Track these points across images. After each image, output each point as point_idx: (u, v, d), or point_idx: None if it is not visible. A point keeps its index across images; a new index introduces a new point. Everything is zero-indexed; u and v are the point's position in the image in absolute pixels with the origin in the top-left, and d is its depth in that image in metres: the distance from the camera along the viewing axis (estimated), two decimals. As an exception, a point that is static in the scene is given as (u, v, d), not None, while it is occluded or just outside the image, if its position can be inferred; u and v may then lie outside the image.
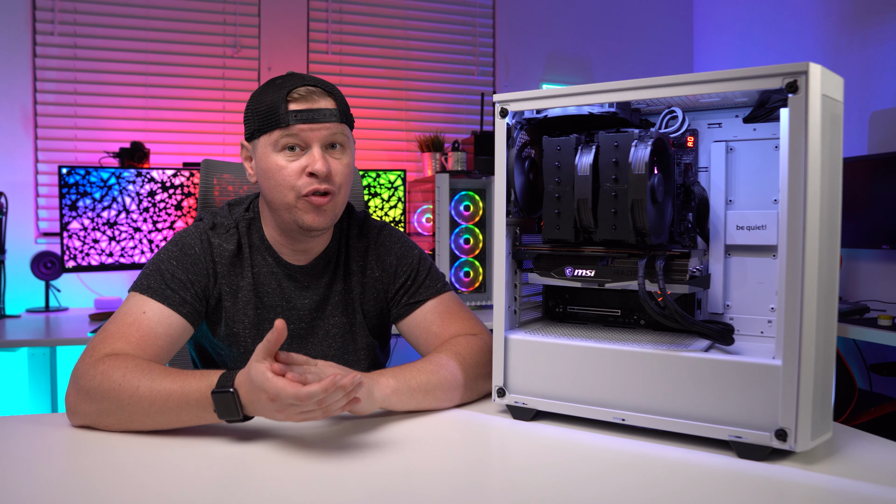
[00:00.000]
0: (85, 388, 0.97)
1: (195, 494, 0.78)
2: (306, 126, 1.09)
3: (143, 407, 0.94)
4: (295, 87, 1.10)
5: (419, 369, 1.08)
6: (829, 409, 0.91)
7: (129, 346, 1.02)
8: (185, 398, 0.93)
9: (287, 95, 1.09)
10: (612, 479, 0.83)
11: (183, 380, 0.94)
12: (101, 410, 0.96)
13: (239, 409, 0.91)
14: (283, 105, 1.08)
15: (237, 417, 0.92)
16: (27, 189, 2.98)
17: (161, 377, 0.95)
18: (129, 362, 0.97)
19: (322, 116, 1.09)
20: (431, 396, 1.07)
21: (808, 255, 0.83)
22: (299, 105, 1.09)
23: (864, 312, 2.58)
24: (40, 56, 3.01)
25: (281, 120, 1.08)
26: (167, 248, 1.16)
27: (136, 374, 0.95)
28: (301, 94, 1.09)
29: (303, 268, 1.21)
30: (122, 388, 0.94)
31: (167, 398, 0.93)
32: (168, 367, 0.98)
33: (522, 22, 3.74)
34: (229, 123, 3.28)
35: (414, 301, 1.24)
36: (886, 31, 2.88)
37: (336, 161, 1.12)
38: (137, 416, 0.95)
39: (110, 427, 0.97)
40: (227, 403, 0.91)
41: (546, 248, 1.07)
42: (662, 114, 1.06)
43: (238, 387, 0.91)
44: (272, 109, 1.09)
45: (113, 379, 0.95)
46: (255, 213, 1.22)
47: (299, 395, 0.85)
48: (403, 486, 0.81)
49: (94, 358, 1.00)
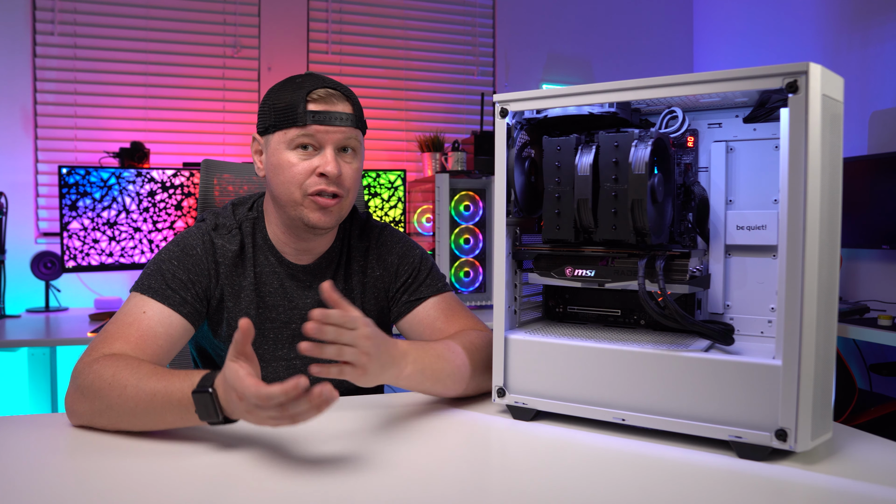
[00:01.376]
0: (81, 387, 0.97)
1: (195, 495, 0.78)
2: (322, 128, 1.10)
3: (130, 407, 0.92)
4: (315, 88, 1.11)
5: (438, 355, 1.06)
6: (829, 410, 0.91)
7: (128, 346, 1.02)
8: (168, 398, 0.90)
9: (307, 95, 1.10)
10: (612, 479, 0.83)
11: (168, 380, 0.91)
12: (94, 410, 0.96)
13: (218, 410, 0.87)
14: (302, 104, 1.09)
15: (217, 419, 0.87)
16: (27, 189, 2.98)
17: (148, 377, 0.92)
18: (120, 362, 0.96)
19: (339, 119, 1.11)
20: (440, 384, 1.07)
21: (808, 255, 0.83)
22: (318, 106, 1.10)
23: (864, 312, 2.58)
24: (40, 56, 3.01)
25: (299, 119, 1.09)
26: (168, 249, 1.16)
27: (125, 374, 0.94)
28: (321, 95, 1.10)
29: (305, 267, 1.21)
30: (112, 386, 0.93)
31: (152, 398, 0.91)
32: (158, 367, 0.96)
33: (522, 22, 3.74)
34: (229, 123, 3.28)
35: (415, 298, 1.25)
36: (886, 31, 2.88)
37: (347, 165, 1.13)
38: (125, 416, 0.93)
39: (104, 427, 0.97)
40: (206, 404, 0.87)
41: (546, 248, 1.07)
42: (662, 114, 1.06)
43: (216, 387, 0.87)
44: (291, 107, 1.10)
45: (104, 378, 0.94)
46: (258, 213, 1.22)
47: (259, 395, 0.78)
48: (403, 486, 0.81)
49: (92, 357, 0.99)
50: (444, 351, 1.08)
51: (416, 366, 1.02)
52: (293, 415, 0.80)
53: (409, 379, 1.02)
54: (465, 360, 1.10)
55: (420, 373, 1.03)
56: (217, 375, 0.88)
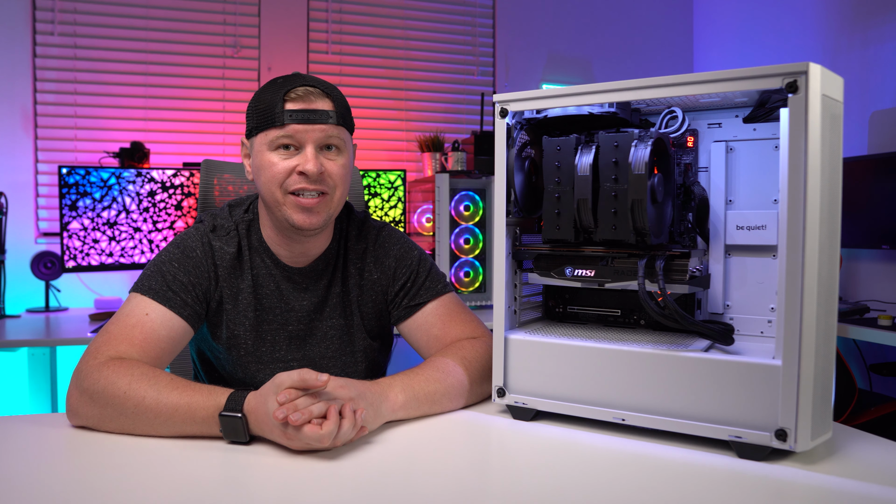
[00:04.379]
0: (88, 391, 0.97)
1: (195, 495, 0.77)
2: (301, 126, 1.08)
3: (148, 418, 0.94)
4: (293, 87, 1.09)
5: (427, 378, 1.07)
6: (829, 409, 0.91)
7: (132, 349, 1.02)
8: (191, 414, 0.93)
9: (284, 95, 1.09)
10: (612, 479, 0.83)
11: (190, 395, 0.94)
12: (104, 415, 0.96)
13: (246, 432, 0.92)
14: (279, 104, 1.08)
15: (243, 440, 0.92)
16: (27, 189, 2.98)
17: (168, 389, 0.95)
18: (134, 370, 0.97)
19: (317, 117, 1.09)
20: (438, 405, 1.07)
21: (808, 255, 0.83)
22: (295, 105, 1.09)
23: (864, 312, 2.58)
24: (40, 56, 3.00)
25: (276, 119, 1.08)
26: (168, 250, 1.16)
27: (143, 384, 0.95)
28: (298, 94, 1.09)
29: (301, 270, 1.21)
30: (128, 396, 0.94)
31: (173, 412, 0.93)
32: (174, 377, 0.98)
33: (522, 22, 3.74)
34: (229, 123, 3.28)
35: (414, 304, 1.24)
36: (886, 31, 2.88)
37: (330, 162, 1.12)
38: (140, 425, 0.95)
39: (111, 431, 0.97)
40: (236, 427, 0.91)
41: (546, 248, 1.07)
42: (662, 114, 1.06)
43: (248, 412, 0.92)
44: (269, 108, 1.09)
45: (118, 386, 0.95)
46: (254, 215, 1.22)
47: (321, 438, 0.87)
48: (403, 486, 0.81)
49: (98, 360, 0.99)
50: (434, 372, 1.08)
51: (408, 393, 1.03)
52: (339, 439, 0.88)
53: (405, 408, 1.03)
54: (461, 376, 1.10)
55: (414, 399, 1.04)
56: (246, 398, 0.92)
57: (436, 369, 1.09)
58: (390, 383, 1.04)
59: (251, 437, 0.93)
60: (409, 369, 1.09)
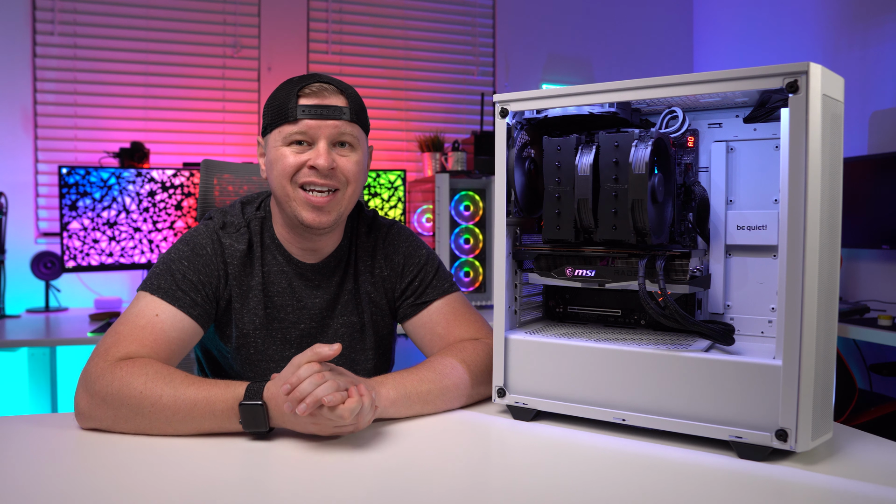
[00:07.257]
0: (101, 393, 0.96)
1: (197, 495, 0.77)
2: (314, 122, 1.09)
3: (166, 416, 0.94)
4: (308, 84, 1.11)
5: (421, 378, 1.07)
6: (830, 410, 0.91)
7: (143, 351, 1.02)
8: (210, 408, 0.93)
9: (298, 91, 1.10)
10: (612, 479, 0.83)
11: (208, 389, 0.95)
12: (119, 417, 0.96)
13: (266, 421, 0.92)
14: (293, 100, 1.09)
15: (263, 429, 0.93)
16: (27, 189, 2.98)
17: (184, 386, 0.95)
18: (148, 368, 0.97)
19: (330, 112, 1.09)
20: (431, 405, 1.07)
21: (809, 255, 0.83)
22: (309, 101, 1.10)
23: (864, 312, 2.58)
24: (40, 56, 3.01)
25: (289, 114, 1.09)
26: (178, 248, 1.14)
27: (159, 382, 0.95)
28: (312, 90, 1.10)
29: (314, 266, 1.21)
30: (144, 395, 0.94)
31: (192, 408, 0.94)
32: (188, 374, 0.98)
33: (522, 22, 3.74)
34: (229, 123, 3.28)
35: (420, 302, 1.24)
36: (886, 31, 2.88)
37: (343, 158, 1.12)
38: (157, 424, 0.95)
39: (125, 432, 0.96)
40: (256, 415, 0.92)
41: (546, 248, 1.07)
42: (663, 114, 1.06)
43: (268, 399, 0.92)
44: (283, 104, 1.10)
45: (133, 386, 0.94)
46: (266, 212, 1.22)
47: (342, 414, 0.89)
48: (404, 486, 0.81)
49: (109, 362, 0.98)
50: (429, 373, 1.08)
51: (399, 391, 1.03)
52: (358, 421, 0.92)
53: (396, 405, 1.03)
54: (459, 377, 1.10)
55: (405, 397, 1.04)
56: (265, 387, 0.94)
57: (431, 370, 1.09)
58: (382, 380, 1.04)
59: (270, 428, 0.94)
60: (405, 369, 1.09)
